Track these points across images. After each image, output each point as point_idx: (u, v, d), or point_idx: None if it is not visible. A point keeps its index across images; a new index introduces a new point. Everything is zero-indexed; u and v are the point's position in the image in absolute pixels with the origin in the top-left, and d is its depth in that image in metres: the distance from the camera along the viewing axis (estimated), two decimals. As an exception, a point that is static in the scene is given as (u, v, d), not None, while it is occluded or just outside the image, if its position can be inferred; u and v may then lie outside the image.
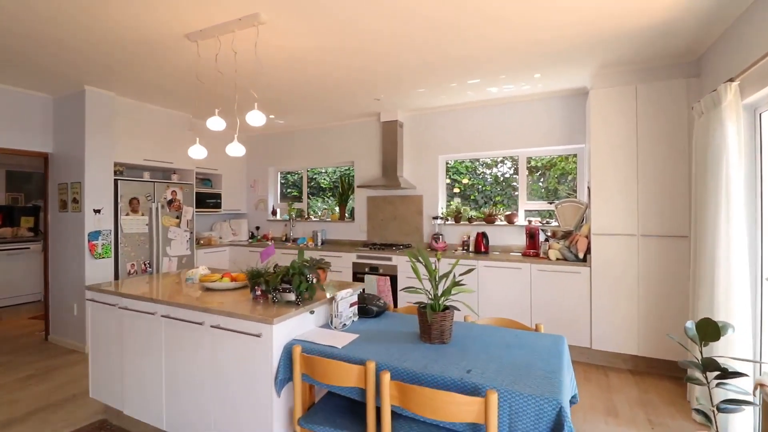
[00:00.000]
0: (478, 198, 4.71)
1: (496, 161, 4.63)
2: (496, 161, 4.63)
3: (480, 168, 4.76)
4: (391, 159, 4.67)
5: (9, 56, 3.06)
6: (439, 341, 1.79)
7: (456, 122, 4.54)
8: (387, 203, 4.94)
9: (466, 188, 4.78)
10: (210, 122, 2.50)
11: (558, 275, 3.44)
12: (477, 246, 4.09)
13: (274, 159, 5.88)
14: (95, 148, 3.85)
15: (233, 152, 2.53)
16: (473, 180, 4.77)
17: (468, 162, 4.76)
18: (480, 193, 4.73)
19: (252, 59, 2.96)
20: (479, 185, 4.73)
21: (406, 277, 4.16)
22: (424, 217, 4.70)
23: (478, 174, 4.78)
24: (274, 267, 2.16)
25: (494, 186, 4.65)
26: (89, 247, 3.82)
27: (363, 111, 4.72)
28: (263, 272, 2.11)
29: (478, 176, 4.77)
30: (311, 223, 5.54)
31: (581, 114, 3.91)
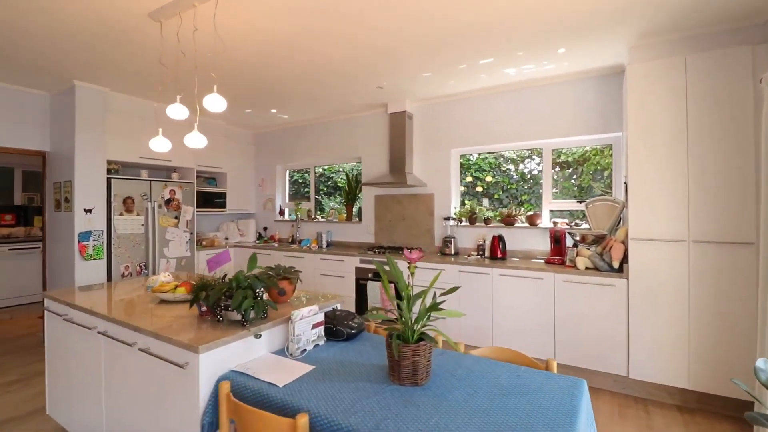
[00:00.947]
0: (503, 197, 4.19)
1: (522, 156, 4.10)
2: (522, 156, 4.10)
3: (505, 164, 4.23)
4: (399, 154, 4.25)
5: None
6: (411, 382, 1.37)
7: (470, 112, 4.05)
8: (395, 202, 4.52)
9: (490, 186, 4.27)
10: (170, 110, 2.19)
11: (587, 288, 2.89)
12: (493, 251, 3.59)
13: (281, 156, 5.61)
14: (86, 146, 3.70)
15: (192, 143, 2.21)
16: (497, 177, 4.25)
17: (491, 158, 4.25)
18: (505, 192, 4.21)
19: (221, 40, 2.64)
20: (504, 183, 4.20)
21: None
22: (436, 218, 4.24)
23: (502, 171, 4.26)
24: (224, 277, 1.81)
25: (520, 184, 4.11)
26: (79, 248, 3.67)
27: (369, 102, 4.33)
28: (213, 284, 1.76)
29: (503, 173, 4.25)
30: (318, 223, 5.22)
31: (616, 97, 3.32)
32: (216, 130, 5.27)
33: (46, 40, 2.76)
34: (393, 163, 4.30)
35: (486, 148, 4.10)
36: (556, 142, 3.70)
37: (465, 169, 4.35)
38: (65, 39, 2.75)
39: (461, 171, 4.31)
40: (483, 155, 4.27)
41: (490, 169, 4.36)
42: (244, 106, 4.48)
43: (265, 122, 5.38)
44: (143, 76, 3.52)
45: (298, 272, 2.07)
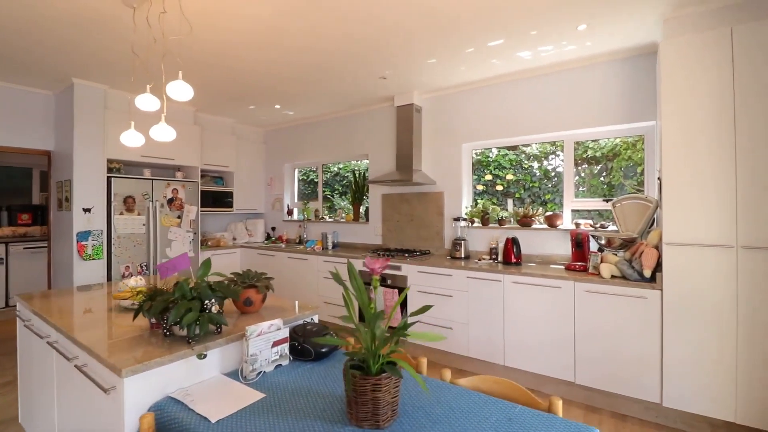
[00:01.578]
0: (524, 196, 3.82)
1: (546, 152, 3.72)
2: (546, 152, 3.72)
3: (527, 161, 3.86)
4: (406, 150, 3.97)
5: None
6: (371, 425, 1.10)
7: (483, 103, 3.72)
8: (403, 202, 4.24)
9: (510, 185, 3.91)
10: (140, 101, 2.02)
11: (613, 299, 2.51)
12: (506, 255, 3.24)
13: (289, 154, 5.45)
14: (84, 144, 3.64)
15: (159, 136, 2.03)
16: (519, 175, 3.88)
17: (512, 155, 3.89)
18: (527, 190, 3.84)
19: (187, 21, 2.45)
20: (526, 181, 3.84)
21: (417, 291, 3.44)
22: (446, 218, 3.93)
23: (524, 168, 3.89)
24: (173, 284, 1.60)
25: (544, 182, 3.74)
26: (78, 247, 3.62)
27: (375, 95, 4.07)
28: (162, 293, 1.55)
29: (525, 171, 3.88)
30: (325, 224, 5.01)
31: (648, 80, 2.90)
32: (224, 128, 5.17)
33: (38, 36, 2.68)
34: (400, 160, 4.03)
35: (500, 142, 3.75)
36: (579, 134, 3.31)
37: (484, 167, 4.01)
38: (51, 34, 2.65)
39: (480, 168, 3.97)
40: (503, 151, 3.92)
41: (511, 167, 4.00)
42: (243, 101, 4.33)
43: (274, 119, 5.23)
44: (126, 67, 3.42)
45: (269, 279, 1.85)
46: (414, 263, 3.44)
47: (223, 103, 4.40)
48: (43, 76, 3.47)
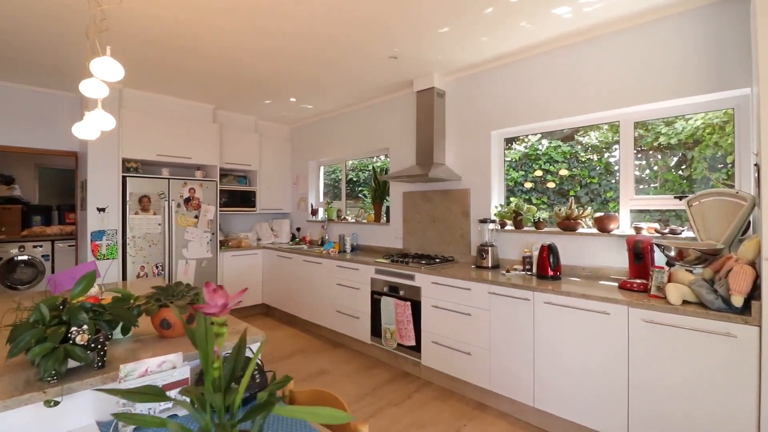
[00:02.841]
0: (581, 194, 3.12)
1: (607, 142, 2.99)
2: (607, 142, 2.99)
3: (583, 153, 3.15)
4: (426, 141, 3.45)
5: (14, 55, 2.99)
6: None
7: (514, 81, 3.08)
8: (425, 200, 3.72)
9: (564, 181, 3.23)
10: (84, 86, 1.78)
11: (684, 336, 1.80)
12: (541, 266, 2.60)
13: (313, 152, 5.18)
14: (99, 144, 3.63)
15: (94, 126, 1.76)
16: (575, 170, 3.18)
17: (566, 146, 3.21)
18: (584, 187, 3.13)
19: None
20: (583, 177, 3.13)
21: (431, 306, 2.92)
22: (472, 219, 3.35)
23: (581, 162, 3.18)
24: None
25: (605, 177, 3.00)
26: (92, 247, 3.62)
27: (390, 81, 3.61)
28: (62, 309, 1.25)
29: (582, 165, 3.17)
30: (346, 225, 4.65)
31: (737, 33, 2.11)
32: (246, 126, 5.04)
33: (43, 38, 2.66)
34: (420, 153, 3.52)
35: (536, 127, 3.09)
36: (641, 111, 2.56)
37: (533, 161, 3.37)
38: (55, 34, 2.58)
39: (527, 164, 3.33)
40: (554, 142, 3.25)
41: (565, 160, 3.30)
42: (253, 95, 4.10)
43: (297, 115, 4.99)
44: (137, 65, 3.31)
45: (190, 299, 1.48)
46: (429, 272, 2.93)
47: (235, 97, 4.23)
48: (61, 77, 3.51)
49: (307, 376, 3.14)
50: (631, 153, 2.64)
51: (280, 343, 3.89)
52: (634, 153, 2.67)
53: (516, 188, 3.42)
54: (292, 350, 3.71)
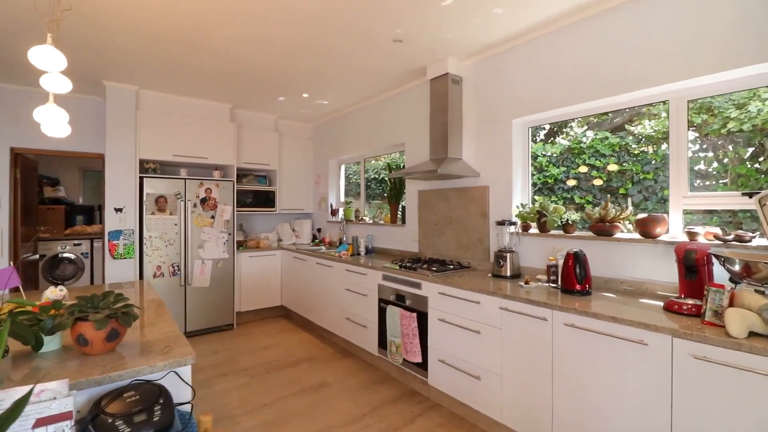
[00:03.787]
0: (633, 192, 2.62)
1: (664, 131, 2.46)
2: (664, 131, 2.46)
3: (635, 145, 2.64)
4: (440, 133, 3.10)
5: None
6: None
7: (537, 59, 2.64)
8: (440, 199, 3.36)
9: (613, 177, 2.73)
10: (44, 81, 1.68)
11: (751, 381, 1.33)
12: (566, 277, 2.17)
13: (333, 149, 4.99)
14: (116, 145, 3.70)
15: (48, 120, 1.65)
16: (626, 164, 2.68)
17: (615, 137, 2.72)
18: (636, 184, 2.63)
19: None
20: (635, 173, 2.63)
21: (437, 319, 2.58)
22: (491, 221, 2.95)
23: (633, 155, 2.68)
24: None
25: (663, 172, 2.48)
26: (109, 246, 3.69)
27: (402, 69, 3.30)
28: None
29: (635, 158, 2.66)
30: (364, 226, 4.40)
31: None
32: (265, 125, 4.97)
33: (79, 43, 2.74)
34: (433, 147, 3.18)
35: (566, 113, 2.63)
36: (694, 87, 2.04)
37: (575, 156, 2.91)
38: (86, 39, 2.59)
39: (570, 158, 2.89)
40: (601, 133, 2.77)
41: (614, 154, 2.79)
42: (264, 91, 3.96)
43: (316, 113, 4.83)
44: (154, 66, 3.29)
45: (128, 308, 1.29)
46: (436, 281, 2.58)
47: (248, 95, 4.13)
48: (83, 82, 3.61)
49: (307, 387, 2.93)
50: (684, 140, 2.12)
51: (290, 349, 3.73)
52: (695, 141, 2.15)
53: (557, 186, 2.98)
54: (299, 357, 3.52)
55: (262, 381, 3.06)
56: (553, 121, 2.75)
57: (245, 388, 2.93)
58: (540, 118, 2.74)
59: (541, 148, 3.08)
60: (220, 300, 4.26)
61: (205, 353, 3.64)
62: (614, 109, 2.45)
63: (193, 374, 3.15)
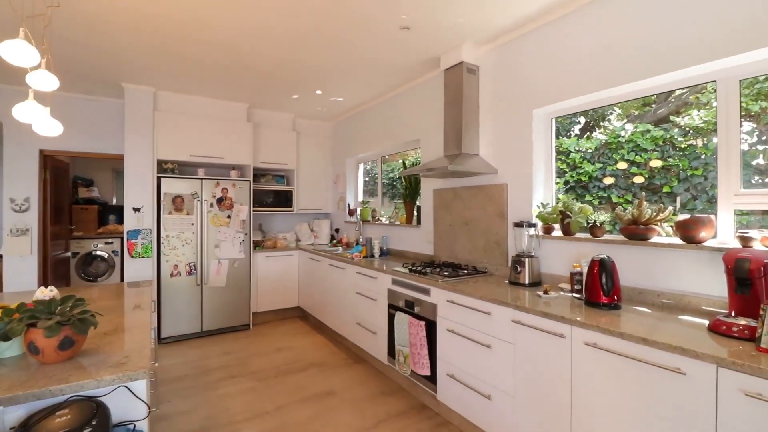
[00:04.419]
0: (679, 190, 2.28)
1: (715, 122, 2.11)
2: (715, 122, 2.11)
3: (682, 138, 2.30)
4: (455, 127, 2.88)
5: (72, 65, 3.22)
6: None
7: (561, 41, 2.36)
8: (455, 198, 3.13)
9: (656, 174, 2.41)
10: (31, 78, 1.65)
11: (824, 428, 1.04)
12: (590, 288, 1.89)
13: (350, 148, 4.86)
14: (134, 146, 3.77)
15: (26, 116, 1.60)
16: (672, 160, 2.35)
17: (658, 130, 2.40)
18: (683, 182, 2.30)
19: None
20: (681, 169, 2.29)
21: (446, 329, 2.36)
22: (509, 222, 2.69)
23: (681, 150, 2.34)
24: None
25: (712, 167, 2.13)
26: (128, 245, 3.76)
27: (415, 59, 3.10)
28: None
29: (681, 153, 2.32)
30: (380, 226, 4.23)
31: None
32: (282, 124, 4.93)
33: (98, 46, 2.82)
34: (447, 142, 2.96)
35: (594, 100, 2.32)
36: (747, 63, 1.70)
37: (613, 151, 2.61)
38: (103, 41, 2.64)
39: (606, 154, 2.60)
40: (641, 126, 2.46)
41: (657, 148, 2.46)
42: (277, 88, 3.89)
43: (333, 111, 4.73)
44: (171, 67, 3.30)
45: (85, 315, 1.20)
46: (445, 287, 2.37)
47: (262, 93, 4.08)
48: (102, 84, 3.69)
49: (312, 395, 2.80)
50: (735, 126, 1.78)
51: (302, 353, 3.63)
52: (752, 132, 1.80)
53: (592, 185, 2.67)
54: (310, 362, 3.42)
55: (269, 386, 2.97)
56: (581, 110, 2.45)
57: (250, 393, 2.86)
58: (564, 107, 2.46)
59: (575, 144, 2.79)
60: (236, 300, 4.25)
61: (217, 354, 3.61)
62: (650, 93, 2.13)
63: (202, 376, 3.13)
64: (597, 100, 2.30)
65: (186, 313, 3.98)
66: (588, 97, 2.27)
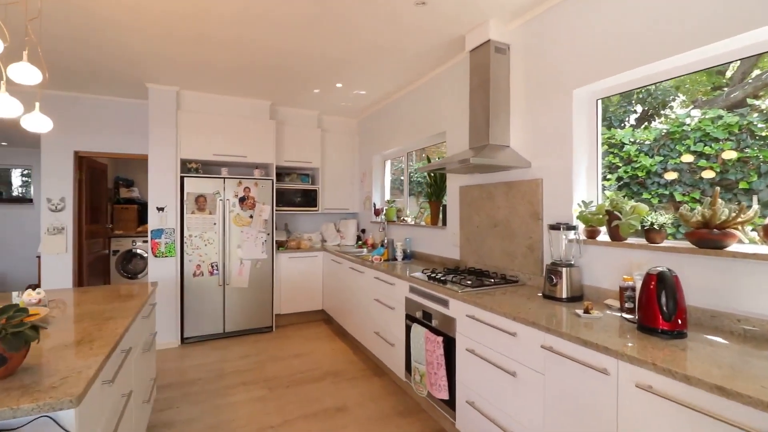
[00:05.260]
0: (759, 187, 1.80)
1: None
2: None
3: (762, 125, 1.81)
4: (481, 116, 2.53)
5: (92, 68, 3.27)
6: None
7: (605, 5, 1.94)
8: (483, 196, 2.77)
9: (730, 168, 1.94)
10: (13, 70, 1.57)
11: None
12: (645, 309, 1.48)
13: (376, 144, 4.62)
14: (158, 145, 3.77)
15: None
16: (751, 150, 1.87)
17: (732, 116, 1.94)
18: (765, 176, 1.80)
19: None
20: (763, 160, 1.81)
21: (465, 348, 2.04)
22: (544, 224, 2.30)
23: (761, 139, 1.84)
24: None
25: None
26: (152, 245, 3.77)
27: (437, 42, 2.78)
28: None
29: (762, 142, 1.83)
30: (405, 227, 3.95)
31: None
32: (307, 121, 4.78)
33: (125, 46, 2.85)
34: (473, 133, 2.61)
35: (647, 73, 1.88)
36: None
37: (676, 142, 2.17)
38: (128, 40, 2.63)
39: (669, 145, 2.18)
40: (710, 113, 2.01)
41: (731, 137, 1.98)
42: (290, 82, 3.71)
43: (357, 105, 4.51)
44: (192, 66, 3.25)
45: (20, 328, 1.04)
46: (465, 299, 2.04)
47: (282, 89, 3.94)
48: (131, 86, 3.73)
49: (322, 410, 2.59)
50: None
51: (320, 360, 3.44)
52: None
53: (650, 181, 2.23)
54: (326, 371, 3.21)
55: (279, 396, 2.79)
56: (633, 88, 2.01)
57: (259, 403, 2.70)
58: (612, 84, 2.03)
59: (629, 135, 2.34)
60: (258, 301, 4.16)
61: (236, 357, 3.52)
62: (715, 64, 1.67)
63: (216, 381, 3.02)
64: (654, 73, 1.86)
65: (208, 314, 3.94)
66: (642, 70, 1.84)
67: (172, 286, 3.81)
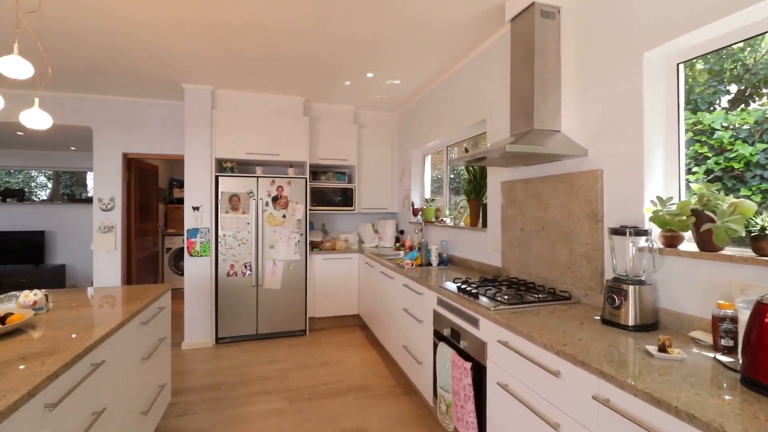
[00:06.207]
0: None
1: None
2: None
3: None
4: (524, 95, 2.09)
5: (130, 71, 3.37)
6: None
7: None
8: (530, 194, 2.32)
9: None
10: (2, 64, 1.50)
11: None
12: (751, 352, 1.01)
13: (415, 139, 4.28)
14: (193, 145, 3.79)
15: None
16: None
17: None
18: None
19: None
20: None
21: (497, 382, 1.64)
22: (604, 227, 1.82)
23: None
24: None
25: None
26: (187, 244, 3.80)
27: (472, 12, 2.38)
28: None
29: None
30: (443, 228, 3.57)
31: None
32: (343, 117, 4.58)
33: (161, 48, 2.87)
34: (515, 117, 2.18)
35: (746, 23, 1.34)
36: None
37: None
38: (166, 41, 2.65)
39: None
40: None
41: None
42: (318, 74, 3.49)
43: (394, 97, 4.20)
44: (225, 65, 3.19)
45: None
46: (498, 319, 1.65)
47: (312, 84, 3.76)
48: (170, 89, 3.79)
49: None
50: None
51: (347, 371, 3.20)
52: None
53: (750, 174, 1.68)
54: (351, 384, 2.96)
55: (298, 410, 2.59)
56: (725, 45, 1.47)
57: (275, 417, 2.51)
58: (697, 42, 1.51)
59: (722, 118, 1.78)
60: (291, 304, 4.03)
61: (264, 361, 3.40)
62: None
63: (239, 387, 2.91)
64: (748, 24, 1.33)
65: (242, 315, 3.89)
66: (738, 18, 1.32)
67: (207, 285, 3.81)
